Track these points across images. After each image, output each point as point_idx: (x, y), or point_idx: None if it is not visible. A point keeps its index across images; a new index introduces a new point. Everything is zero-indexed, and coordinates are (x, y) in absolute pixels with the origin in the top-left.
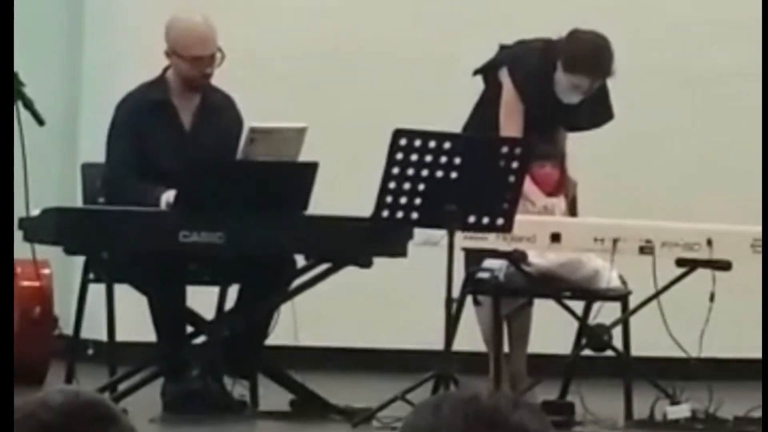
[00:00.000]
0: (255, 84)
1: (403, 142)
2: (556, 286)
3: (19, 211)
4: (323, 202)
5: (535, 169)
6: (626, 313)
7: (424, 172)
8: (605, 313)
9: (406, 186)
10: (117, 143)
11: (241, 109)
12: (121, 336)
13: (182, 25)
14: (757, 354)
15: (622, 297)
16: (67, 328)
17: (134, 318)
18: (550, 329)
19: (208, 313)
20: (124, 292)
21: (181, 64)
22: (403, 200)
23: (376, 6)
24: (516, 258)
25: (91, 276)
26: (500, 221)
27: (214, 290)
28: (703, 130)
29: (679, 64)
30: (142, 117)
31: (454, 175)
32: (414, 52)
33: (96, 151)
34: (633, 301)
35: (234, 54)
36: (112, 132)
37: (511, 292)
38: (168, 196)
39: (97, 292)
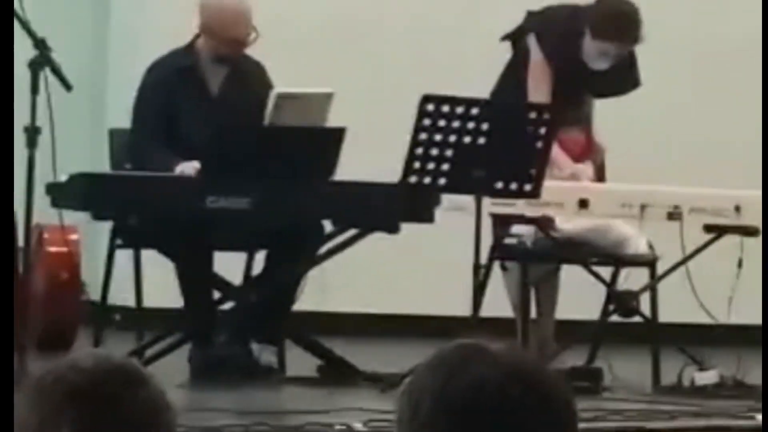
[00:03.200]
0: (282, 50)
1: (430, 107)
2: (584, 252)
3: (46, 177)
4: (351, 167)
5: (563, 134)
6: (654, 279)
7: (452, 138)
8: (633, 279)
9: (434, 152)
10: (142, 109)
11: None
12: (148, 302)
13: (217, 5)
14: None
15: (649, 263)
16: (94, 293)
17: (161, 284)
18: (578, 295)
19: (236, 278)
20: (151, 257)
21: (216, 44)
22: (431, 166)
23: None
24: (544, 224)
25: (119, 242)
26: (528, 187)
27: (242, 256)
28: (732, 96)
29: (710, 32)
30: (170, 84)
31: (481, 140)
32: (442, 17)
33: (124, 117)
34: (661, 267)
35: (261, 21)
36: (139, 97)
37: (539, 258)
38: (184, 167)
39: (124, 257)
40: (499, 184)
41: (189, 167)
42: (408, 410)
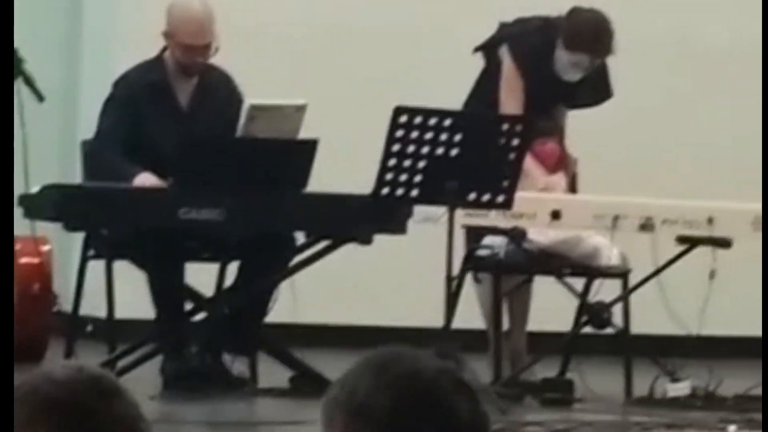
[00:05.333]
0: (255, 60)
1: (403, 119)
2: (557, 263)
3: (18, 188)
4: (323, 179)
5: (537, 145)
6: (626, 291)
7: (425, 150)
8: (605, 290)
9: (407, 163)
10: (107, 119)
11: (241, 86)
12: (120, 313)
13: (180, 11)
14: (757, 332)
15: (622, 274)
16: (66, 304)
17: (133, 295)
18: (550, 306)
19: (208, 290)
20: (123, 268)
21: (176, 50)
22: (404, 177)
23: None
24: (516, 235)
25: (91, 252)
26: (501, 198)
27: (214, 267)
28: (703, 107)
29: (680, 40)
30: (138, 97)
31: (454, 152)
32: (414, 28)
33: (95, 128)
34: (633, 279)
35: (234, 30)
36: (105, 108)
37: (511, 269)
38: (142, 179)
39: (96, 268)
40: (472, 196)
41: (148, 179)
42: (343, 394)
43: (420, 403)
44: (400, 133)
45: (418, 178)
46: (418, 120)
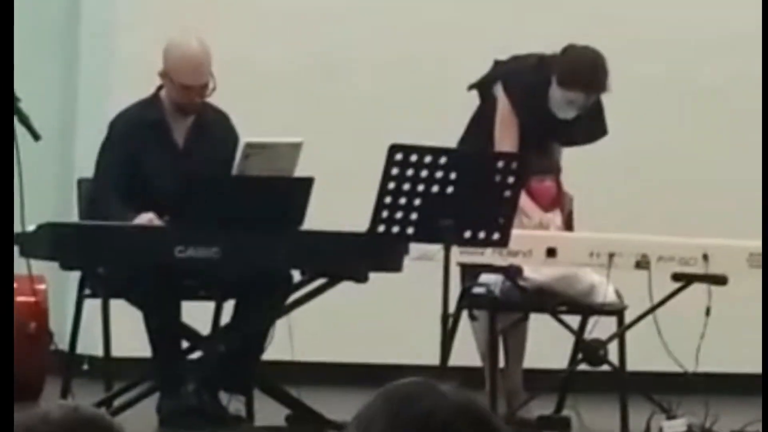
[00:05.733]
0: (251, 98)
1: (398, 157)
2: (552, 300)
3: (15, 227)
4: (319, 217)
5: (534, 183)
6: (622, 328)
7: (420, 187)
8: (601, 327)
9: (402, 201)
10: (105, 161)
11: (236, 123)
12: (116, 351)
13: (177, 51)
14: (754, 369)
15: (618, 312)
16: (62, 343)
17: (130, 333)
18: (546, 344)
19: (204, 328)
20: (119, 307)
21: (173, 89)
22: (399, 215)
23: (372, 20)
24: (512, 273)
25: (87, 291)
26: (496, 236)
27: (210, 305)
28: (698, 145)
29: (675, 78)
30: (135, 136)
31: (450, 190)
32: (410, 66)
33: (92, 167)
34: (629, 316)
35: (230, 68)
36: (103, 149)
37: (507, 306)
38: (141, 219)
39: (92, 307)
40: (468, 233)
41: (145, 219)
42: None
43: None
44: (395, 170)
45: (413, 216)
46: (413, 158)
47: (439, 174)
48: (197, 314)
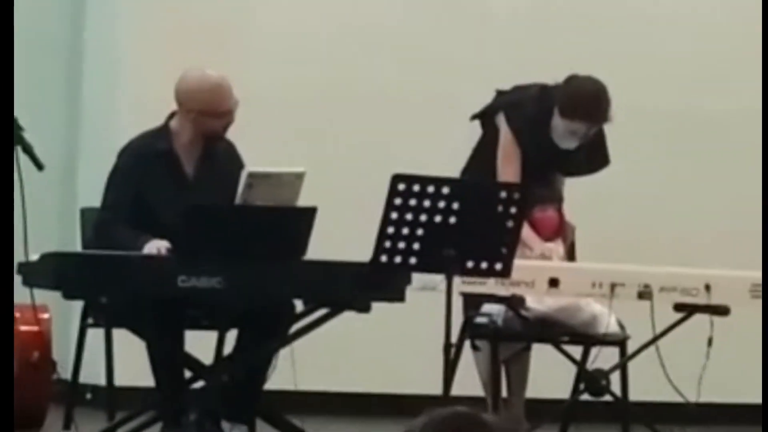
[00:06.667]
0: (253, 127)
1: (401, 187)
2: (555, 331)
3: (18, 256)
4: (322, 246)
5: (537, 213)
6: (624, 358)
7: (423, 217)
8: (603, 358)
9: (405, 231)
10: (114, 189)
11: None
12: (119, 381)
13: (198, 81)
14: (755, 399)
15: (620, 342)
16: (65, 372)
17: (133, 363)
18: (549, 374)
19: (207, 358)
20: (122, 336)
21: (207, 120)
22: (402, 245)
23: (374, 50)
24: (514, 303)
25: (90, 321)
26: (498, 266)
27: (213, 335)
28: (701, 175)
29: (677, 109)
30: (145, 167)
31: (452, 220)
32: (412, 96)
33: (95, 196)
34: (631, 346)
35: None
36: (111, 178)
37: (510, 336)
38: (150, 246)
39: (95, 336)
40: (470, 263)
41: (154, 247)
42: None
43: None
44: (398, 200)
45: (416, 246)
46: (416, 188)
47: (441, 204)
48: (200, 344)
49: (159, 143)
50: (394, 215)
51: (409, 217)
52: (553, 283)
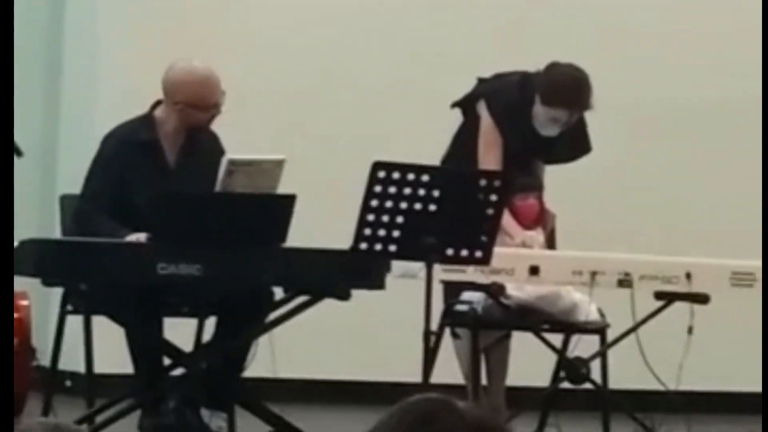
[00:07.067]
0: (234, 117)
1: (381, 174)
2: (535, 318)
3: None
4: (301, 234)
5: (518, 200)
6: (604, 346)
7: (403, 205)
8: (583, 346)
9: (385, 218)
10: (95, 178)
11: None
12: (98, 368)
13: (186, 73)
14: (736, 387)
15: (600, 330)
16: (44, 359)
17: (112, 350)
18: (529, 362)
19: (186, 345)
20: (102, 323)
21: (194, 113)
22: (382, 233)
23: (355, 39)
24: (494, 291)
25: (69, 308)
26: (479, 254)
27: (192, 322)
28: (682, 163)
29: (659, 97)
30: (127, 157)
31: (432, 207)
32: (392, 84)
33: (74, 183)
34: (611, 334)
35: None
36: (94, 166)
37: (490, 324)
38: (133, 238)
39: (75, 323)
40: (450, 251)
41: (138, 237)
42: None
43: None
44: (378, 188)
45: (396, 234)
46: (396, 175)
47: (422, 191)
48: (180, 331)
49: (143, 132)
50: (374, 203)
51: (389, 204)
52: (534, 271)
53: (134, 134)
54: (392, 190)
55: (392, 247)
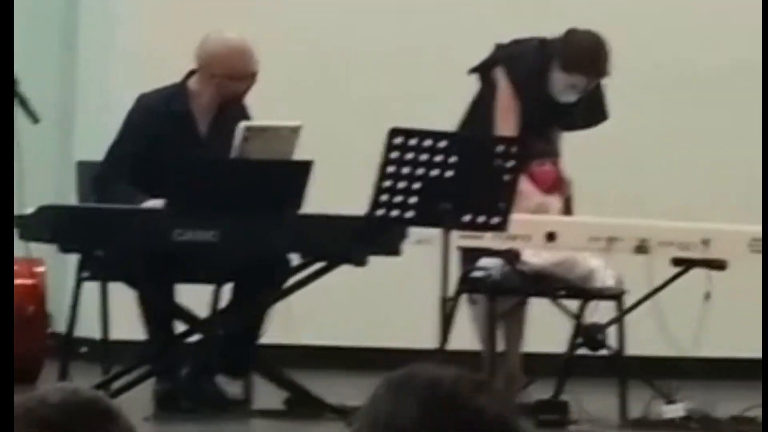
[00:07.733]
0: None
1: (398, 140)
2: (552, 285)
3: (14, 209)
4: (318, 200)
5: (534, 167)
6: (621, 313)
7: (420, 171)
8: (600, 312)
9: (402, 185)
10: (120, 146)
11: None
12: (114, 334)
13: (222, 45)
14: (753, 354)
15: (617, 296)
16: (60, 326)
17: (128, 316)
18: (545, 328)
19: (203, 311)
20: (117, 290)
21: (232, 84)
22: (398, 199)
23: (372, 4)
24: (511, 257)
25: (86, 274)
26: (495, 220)
27: (209, 289)
28: (699, 129)
29: (676, 63)
30: (160, 126)
31: (449, 173)
32: (409, 50)
33: (91, 149)
34: (628, 301)
35: None
36: (123, 130)
37: (506, 291)
38: (150, 205)
39: (91, 290)
40: (467, 217)
41: (157, 204)
42: (367, 422)
43: (445, 407)
44: (395, 154)
45: (413, 200)
46: (413, 141)
47: (438, 158)
48: (196, 297)
49: (175, 103)
50: (390, 169)
51: (405, 170)
52: (551, 237)
53: (166, 104)
54: (409, 156)
55: (409, 214)
